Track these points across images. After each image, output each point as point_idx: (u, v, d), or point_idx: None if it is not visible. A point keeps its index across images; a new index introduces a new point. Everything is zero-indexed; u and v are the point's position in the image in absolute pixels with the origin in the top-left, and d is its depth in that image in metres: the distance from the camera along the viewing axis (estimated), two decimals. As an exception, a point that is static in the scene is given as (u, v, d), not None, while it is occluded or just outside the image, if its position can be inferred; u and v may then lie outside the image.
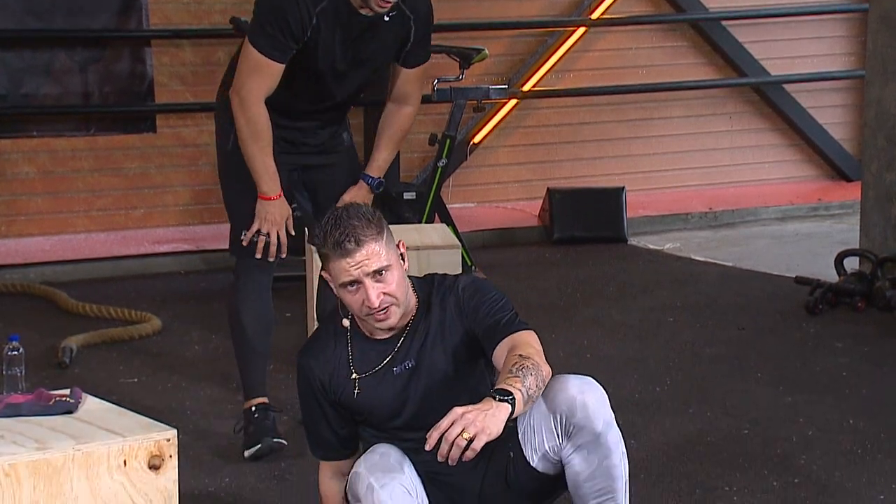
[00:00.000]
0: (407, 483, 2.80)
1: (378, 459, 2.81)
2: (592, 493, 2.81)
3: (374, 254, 2.79)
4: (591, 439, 2.79)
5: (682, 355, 5.31)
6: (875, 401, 4.64)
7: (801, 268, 6.86)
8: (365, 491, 2.76)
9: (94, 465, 2.76)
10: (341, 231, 2.78)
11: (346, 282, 2.82)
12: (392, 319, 2.84)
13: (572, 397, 2.80)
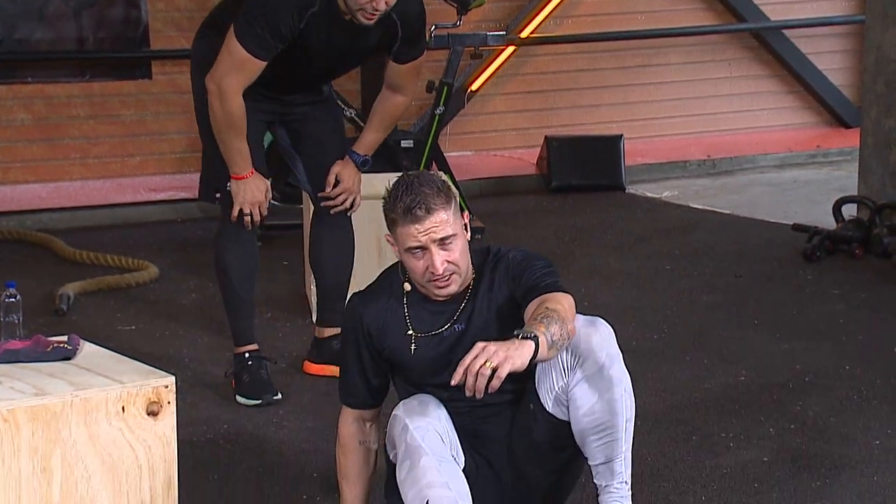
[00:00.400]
0: (441, 429, 2.83)
1: (416, 405, 2.86)
2: (591, 427, 2.80)
3: (442, 222, 2.86)
4: (595, 371, 2.81)
5: (679, 303, 5.32)
6: (872, 347, 4.65)
7: (798, 215, 6.86)
8: (400, 431, 2.81)
9: (92, 411, 2.77)
10: (412, 198, 2.85)
11: (412, 247, 2.88)
12: (452, 287, 2.91)
13: (578, 330, 2.83)
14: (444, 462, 2.75)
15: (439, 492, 2.70)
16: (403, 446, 2.79)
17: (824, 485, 3.42)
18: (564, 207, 7.44)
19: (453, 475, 2.74)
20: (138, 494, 2.83)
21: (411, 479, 2.75)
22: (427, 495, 2.70)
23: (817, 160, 8.94)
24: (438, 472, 2.73)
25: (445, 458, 2.77)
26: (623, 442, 2.83)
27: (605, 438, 2.81)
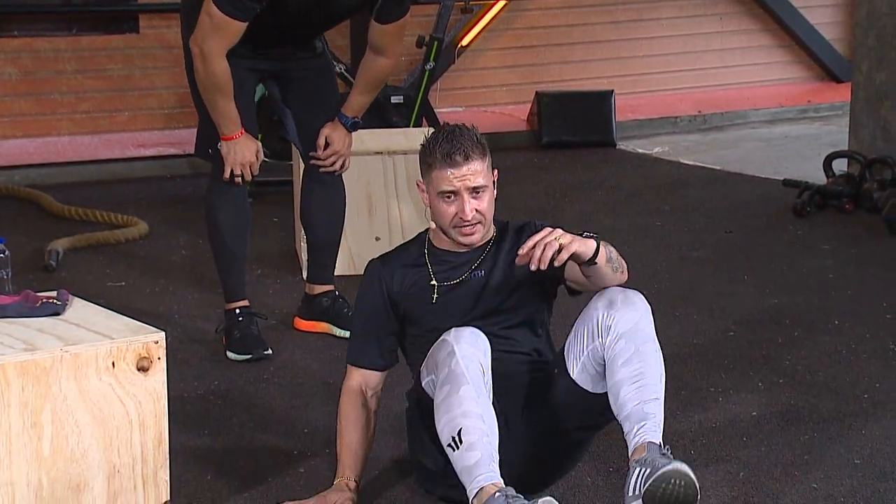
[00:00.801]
0: (484, 363, 2.86)
1: (468, 333, 2.88)
2: (628, 378, 2.84)
3: (477, 171, 3.00)
4: (630, 327, 2.89)
5: (669, 258, 5.33)
6: (861, 302, 4.67)
7: (789, 170, 6.86)
8: (446, 356, 2.84)
9: (82, 367, 2.77)
10: (453, 145, 2.98)
11: (446, 191, 3.00)
12: (476, 236, 3.05)
13: (614, 292, 2.96)
14: (482, 396, 2.79)
15: (474, 422, 2.73)
16: (447, 370, 2.81)
17: (812, 438, 3.44)
18: (555, 163, 7.43)
19: (487, 410, 2.77)
20: (129, 449, 2.84)
21: (448, 404, 2.78)
22: (461, 424, 2.74)
23: (808, 115, 8.93)
24: (476, 402, 2.76)
25: (484, 392, 2.81)
26: (657, 389, 2.84)
27: (639, 384, 2.83)
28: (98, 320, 2.98)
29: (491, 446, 2.73)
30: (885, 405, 3.66)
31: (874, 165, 6.17)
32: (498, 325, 3.05)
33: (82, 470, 2.80)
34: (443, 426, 2.77)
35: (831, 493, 3.09)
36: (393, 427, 3.41)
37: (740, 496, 3.08)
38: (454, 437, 2.73)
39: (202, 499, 3.07)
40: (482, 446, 2.71)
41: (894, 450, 3.35)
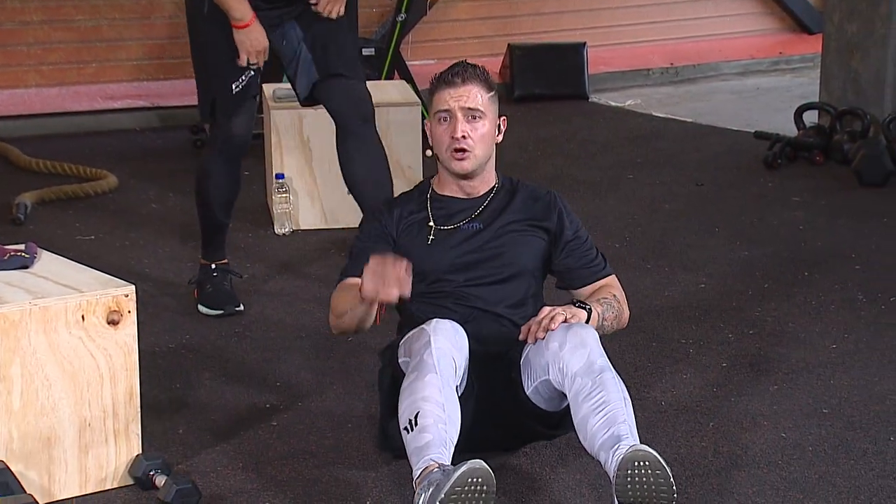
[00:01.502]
0: (458, 358, 2.85)
1: (448, 326, 2.88)
2: (593, 409, 2.76)
3: (474, 94, 3.01)
4: (583, 364, 2.84)
5: (641, 211, 5.34)
6: (830, 253, 4.70)
7: (760, 122, 6.87)
8: (422, 346, 2.83)
9: (51, 320, 2.76)
10: (455, 69, 3.05)
11: (440, 109, 3.03)
12: (467, 163, 3.05)
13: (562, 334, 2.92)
14: (447, 388, 2.77)
15: (432, 408, 2.72)
16: (418, 359, 2.82)
17: (782, 388, 3.47)
18: (527, 117, 7.41)
19: (451, 401, 2.76)
20: (100, 403, 2.84)
21: (411, 389, 2.77)
22: (419, 408, 2.72)
23: (780, 67, 8.93)
24: (440, 392, 2.75)
25: (450, 385, 2.79)
26: (624, 413, 2.75)
27: (604, 413, 2.75)
28: (67, 273, 2.96)
29: (446, 434, 2.70)
30: (854, 355, 3.70)
31: (845, 117, 6.18)
32: (486, 278, 3.06)
33: (53, 423, 2.79)
34: (403, 410, 2.76)
35: (799, 443, 3.12)
36: (367, 383, 3.42)
37: (710, 446, 3.11)
38: (411, 419, 2.72)
39: (174, 452, 3.07)
40: (436, 431, 2.68)
41: (862, 399, 3.38)
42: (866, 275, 4.45)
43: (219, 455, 3.08)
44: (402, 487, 2.87)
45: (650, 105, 7.82)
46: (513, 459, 3.04)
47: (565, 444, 3.07)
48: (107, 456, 2.87)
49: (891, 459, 3.03)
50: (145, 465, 2.86)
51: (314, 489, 2.90)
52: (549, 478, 2.96)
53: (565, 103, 7.73)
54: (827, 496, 2.85)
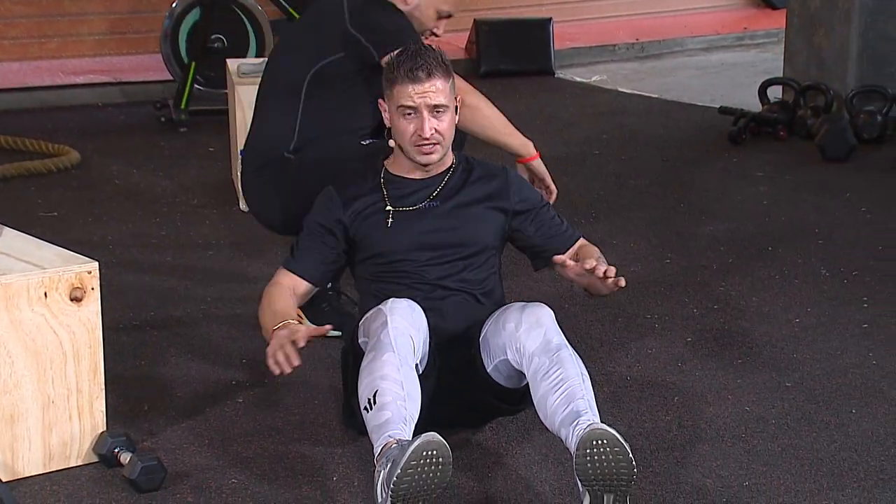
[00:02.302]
0: (416, 337, 2.85)
1: (404, 306, 2.87)
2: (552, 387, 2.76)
3: (438, 89, 3.01)
4: (539, 343, 2.84)
5: (607, 187, 5.36)
6: (793, 227, 4.73)
7: (725, 98, 6.90)
8: (378, 326, 2.84)
9: (13, 297, 2.74)
10: (416, 62, 3.00)
11: (406, 105, 3.01)
12: (434, 156, 3.06)
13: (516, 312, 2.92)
14: (405, 366, 2.77)
15: (390, 385, 2.72)
16: (375, 339, 2.82)
17: (746, 362, 3.49)
18: (493, 92, 7.33)
19: (409, 379, 2.76)
20: (64, 380, 2.82)
21: (370, 369, 2.77)
22: (378, 386, 2.72)
23: (744, 42, 8.96)
24: (398, 370, 2.75)
25: (408, 363, 2.79)
26: (583, 389, 2.76)
27: (563, 390, 2.75)
28: (29, 250, 2.94)
29: (406, 410, 2.69)
30: (816, 329, 3.73)
31: (808, 92, 6.22)
32: (446, 256, 3.07)
33: (16, 401, 2.78)
34: (362, 389, 2.76)
35: (763, 416, 3.15)
36: (333, 360, 3.42)
37: (675, 420, 3.13)
38: (369, 398, 2.71)
39: (139, 429, 3.07)
40: (395, 408, 2.68)
41: (824, 372, 3.41)
42: (829, 249, 4.48)
43: (184, 432, 3.07)
44: (368, 464, 2.88)
45: (616, 81, 7.83)
46: (477, 435, 3.05)
47: (530, 420, 3.08)
48: (71, 433, 2.85)
49: (852, 432, 3.06)
50: (110, 442, 2.85)
51: (280, 465, 2.90)
52: (515, 452, 2.97)
53: (531, 79, 7.73)
54: (789, 468, 2.88)
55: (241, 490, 2.78)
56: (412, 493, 2.52)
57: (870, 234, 4.65)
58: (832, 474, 2.85)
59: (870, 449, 2.97)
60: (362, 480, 2.82)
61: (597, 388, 3.24)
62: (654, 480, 2.82)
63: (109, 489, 2.78)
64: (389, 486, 2.51)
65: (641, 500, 2.72)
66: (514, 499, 2.75)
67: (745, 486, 2.79)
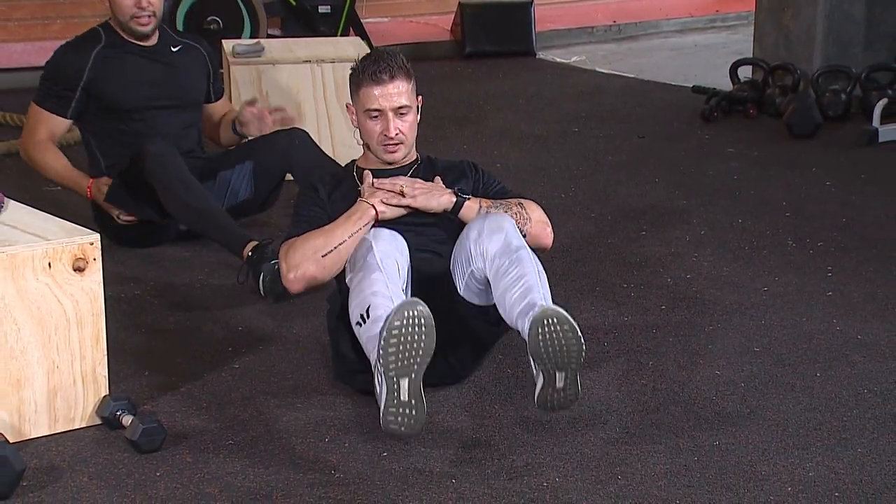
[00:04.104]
0: (401, 261, 2.89)
1: (387, 234, 2.93)
2: (511, 283, 2.83)
3: (401, 91, 3.11)
4: (500, 246, 2.89)
5: (585, 163, 5.35)
6: (762, 201, 4.74)
7: (698, 78, 6.89)
8: (364, 251, 2.89)
9: (19, 267, 2.72)
10: (379, 65, 3.09)
11: (371, 108, 3.11)
12: (399, 154, 3.16)
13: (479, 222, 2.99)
14: (393, 283, 2.80)
15: (381, 300, 2.74)
16: (362, 261, 2.85)
17: (717, 329, 3.50)
18: (478, 73, 7.38)
19: (398, 296, 2.78)
20: (68, 346, 2.81)
21: (359, 287, 2.80)
22: (370, 301, 2.75)
23: (716, 24, 8.96)
24: (386, 286, 2.78)
25: (395, 282, 2.82)
26: (538, 282, 2.82)
27: (521, 284, 2.82)
28: (34, 222, 2.92)
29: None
30: (783, 297, 3.74)
31: (776, 72, 6.22)
32: (412, 224, 3.11)
33: (22, 366, 2.77)
34: (353, 308, 2.79)
35: (732, 379, 3.16)
36: (325, 328, 3.41)
37: (650, 383, 3.14)
38: (362, 314, 2.74)
39: (140, 394, 3.06)
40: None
41: (790, 338, 3.43)
42: (796, 221, 4.49)
43: (183, 396, 3.07)
44: (360, 426, 2.88)
45: (594, 61, 7.82)
46: (470, 385, 3.06)
47: (523, 376, 3.09)
48: (75, 397, 2.85)
49: (816, 394, 3.07)
50: (112, 405, 2.85)
51: (274, 428, 2.90)
52: (514, 399, 2.97)
53: (513, 60, 7.71)
54: (758, 428, 2.89)
55: (238, 451, 2.78)
56: (401, 359, 2.57)
57: (834, 208, 4.66)
58: (797, 434, 2.86)
59: (833, 410, 2.98)
60: (353, 441, 2.82)
61: (575, 354, 3.26)
62: (630, 441, 2.82)
63: (112, 450, 2.78)
64: (379, 355, 2.56)
65: (617, 459, 2.73)
66: (495, 460, 2.76)
67: (716, 445, 2.81)
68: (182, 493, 2.60)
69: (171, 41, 4.20)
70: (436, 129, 5.80)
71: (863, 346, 3.37)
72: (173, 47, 4.18)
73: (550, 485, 2.63)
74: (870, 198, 4.78)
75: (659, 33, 8.73)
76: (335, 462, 2.73)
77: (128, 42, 4.10)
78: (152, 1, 4.04)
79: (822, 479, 2.65)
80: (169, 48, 4.17)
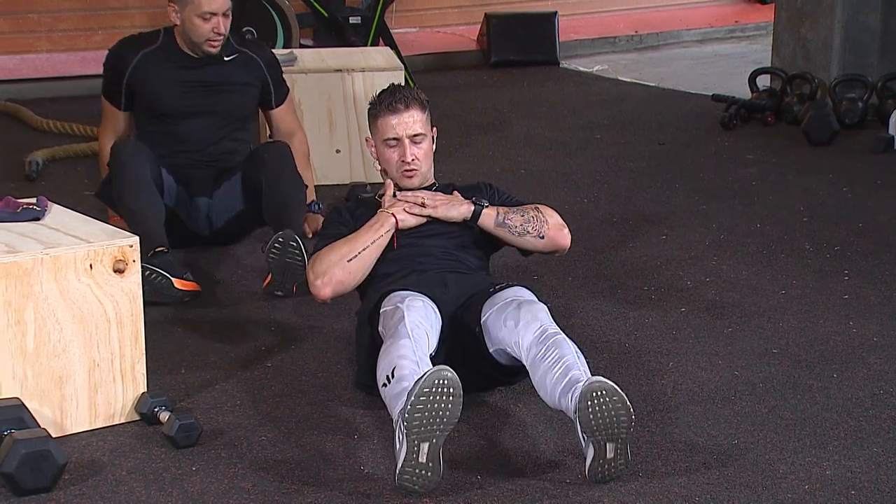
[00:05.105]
0: (430, 330, 2.86)
1: (420, 305, 2.89)
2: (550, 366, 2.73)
3: (416, 119, 3.18)
4: (536, 334, 2.80)
5: (607, 169, 5.33)
6: (780, 206, 4.71)
7: (717, 86, 6.86)
8: (397, 320, 2.84)
9: (62, 269, 2.74)
10: (395, 96, 3.18)
11: (389, 137, 3.18)
12: (415, 180, 3.22)
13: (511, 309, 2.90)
14: (420, 350, 2.77)
15: (407, 363, 2.71)
16: (394, 330, 2.83)
17: (735, 330, 3.48)
18: (503, 81, 7.37)
19: (424, 362, 2.75)
20: (108, 345, 2.83)
21: (387, 353, 2.77)
22: (396, 363, 2.72)
23: (735, 35, 8.91)
24: (413, 352, 2.75)
25: (423, 350, 2.78)
26: (577, 362, 2.72)
27: (561, 365, 2.72)
28: (76, 225, 2.94)
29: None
30: (801, 300, 3.71)
31: (794, 81, 6.18)
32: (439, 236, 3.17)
33: (64, 364, 2.78)
34: (380, 370, 2.74)
35: (751, 380, 3.14)
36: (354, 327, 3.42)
37: (670, 384, 3.12)
38: (388, 374, 2.70)
39: (177, 391, 3.07)
40: (412, 379, 2.64)
41: (807, 340, 3.40)
42: (813, 226, 4.45)
43: (218, 393, 3.08)
44: (386, 423, 2.88)
45: (616, 70, 7.79)
46: (485, 397, 3.05)
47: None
48: (114, 394, 2.86)
49: (833, 394, 3.05)
50: (150, 402, 2.86)
51: (306, 424, 2.90)
52: (521, 413, 2.96)
53: (538, 69, 7.70)
54: (775, 427, 2.87)
55: (270, 446, 2.78)
56: (425, 424, 2.50)
57: (850, 213, 4.63)
58: (815, 434, 2.84)
59: (850, 410, 2.96)
60: (381, 438, 2.82)
61: (597, 355, 3.25)
62: (651, 440, 2.81)
63: (150, 445, 2.79)
64: (403, 417, 2.50)
65: (639, 457, 2.71)
66: (520, 457, 2.75)
67: (735, 444, 2.78)
68: (216, 486, 2.60)
69: (228, 50, 4.14)
70: (462, 136, 5.80)
71: (879, 347, 3.34)
72: (226, 57, 4.13)
73: (573, 482, 2.61)
74: (885, 203, 4.74)
75: (679, 43, 8.69)
76: (364, 458, 2.73)
77: (180, 50, 4.10)
78: (227, 25, 4.04)
79: (839, 478, 2.63)
80: (222, 57, 4.12)
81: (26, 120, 6.01)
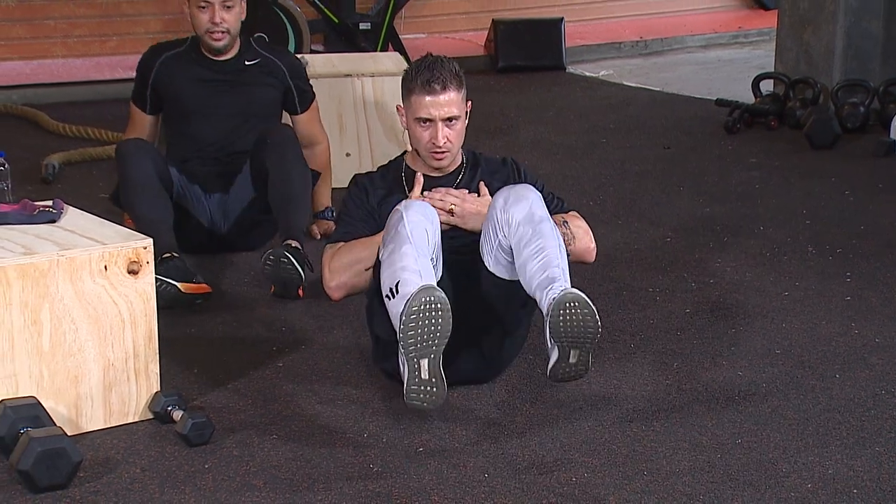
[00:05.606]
0: (430, 231, 2.86)
1: (417, 205, 2.90)
2: (532, 254, 2.82)
3: (452, 102, 3.04)
4: (525, 214, 2.88)
5: (613, 172, 5.33)
6: (783, 209, 4.70)
7: (721, 91, 6.85)
8: (395, 221, 2.86)
9: (77, 270, 2.75)
10: (433, 74, 3.01)
11: (422, 117, 3.05)
12: (445, 161, 3.13)
13: (507, 191, 2.97)
14: (422, 256, 2.78)
15: (410, 276, 2.73)
16: (393, 232, 2.83)
17: (739, 332, 3.47)
18: (510, 86, 7.37)
19: (426, 268, 2.77)
20: (122, 345, 2.83)
21: (390, 261, 2.79)
22: (399, 277, 2.73)
23: (739, 40, 8.90)
24: (416, 260, 2.76)
25: (425, 254, 2.80)
26: (559, 258, 2.82)
27: (541, 257, 2.82)
28: (91, 227, 2.95)
29: None
30: (803, 301, 3.70)
31: (797, 86, 6.17)
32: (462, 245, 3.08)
33: (79, 363, 2.79)
34: (384, 279, 2.78)
35: (754, 380, 3.13)
36: (364, 328, 3.42)
37: (674, 384, 3.12)
38: (392, 288, 2.73)
39: (189, 390, 3.07)
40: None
41: (810, 340, 3.39)
42: (815, 229, 4.45)
43: (230, 393, 3.08)
44: (397, 422, 2.88)
45: (622, 75, 7.79)
46: (492, 395, 3.05)
47: (542, 382, 3.08)
48: (128, 393, 2.86)
49: (835, 395, 3.04)
50: (164, 401, 2.86)
51: (316, 423, 2.90)
52: (528, 412, 2.96)
53: (544, 74, 7.69)
54: (778, 427, 2.86)
55: (282, 445, 2.79)
56: (420, 341, 2.59)
57: (852, 216, 4.62)
58: (817, 433, 2.83)
59: (852, 410, 2.95)
60: (391, 437, 2.82)
61: (603, 355, 3.25)
62: (655, 439, 2.80)
63: (163, 443, 2.79)
64: (399, 338, 2.59)
65: (643, 456, 2.71)
66: (526, 454, 2.75)
67: (738, 443, 2.78)
68: (229, 484, 2.61)
69: (250, 55, 4.15)
70: (470, 140, 5.76)
71: (880, 348, 3.33)
72: (248, 61, 4.13)
73: (579, 480, 2.61)
74: (886, 206, 4.73)
75: (684, 49, 8.68)
76: (373, 456, 2.73)
77: (201, 53, 4.11)
78: (225, 18, 4.02)
79: (842, 477, 2.62)
80: (243, 62, 4.13)
81: (43, 124, 6.03)
